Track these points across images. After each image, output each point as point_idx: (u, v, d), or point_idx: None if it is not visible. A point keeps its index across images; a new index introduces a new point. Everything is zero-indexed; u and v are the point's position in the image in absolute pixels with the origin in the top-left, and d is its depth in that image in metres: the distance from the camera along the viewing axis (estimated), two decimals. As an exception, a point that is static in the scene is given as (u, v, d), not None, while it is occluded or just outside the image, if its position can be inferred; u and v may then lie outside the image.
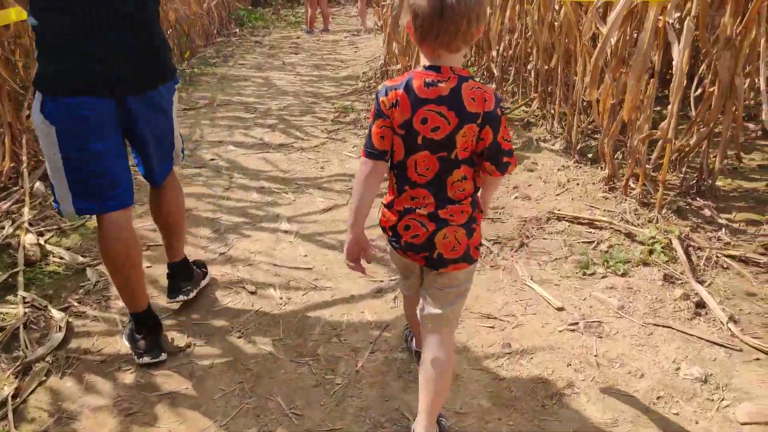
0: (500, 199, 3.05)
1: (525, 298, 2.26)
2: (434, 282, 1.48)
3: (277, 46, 8.24)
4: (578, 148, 3.46)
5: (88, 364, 1.98)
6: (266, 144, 4.18)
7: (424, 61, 1.37)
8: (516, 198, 3.06)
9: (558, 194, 3.08)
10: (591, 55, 3.06)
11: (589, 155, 3.47)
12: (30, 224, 2.88)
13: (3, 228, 2.83)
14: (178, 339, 2.10)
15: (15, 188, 3.23)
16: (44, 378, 1.92)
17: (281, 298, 2.32)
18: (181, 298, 2.20)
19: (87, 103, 1.72)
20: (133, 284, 1.90)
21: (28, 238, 2.70)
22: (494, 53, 4.90)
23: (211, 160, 3.89)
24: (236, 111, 5.07)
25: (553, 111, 3.92)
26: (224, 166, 3.77)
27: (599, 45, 2.72)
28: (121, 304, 2.23)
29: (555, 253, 2.55)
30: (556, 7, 3.70)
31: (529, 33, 4.45)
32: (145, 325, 1.95)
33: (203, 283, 2.34)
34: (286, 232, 2.88)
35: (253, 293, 2.37)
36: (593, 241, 2.63)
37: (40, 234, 2.81)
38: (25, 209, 2.96)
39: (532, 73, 4.30)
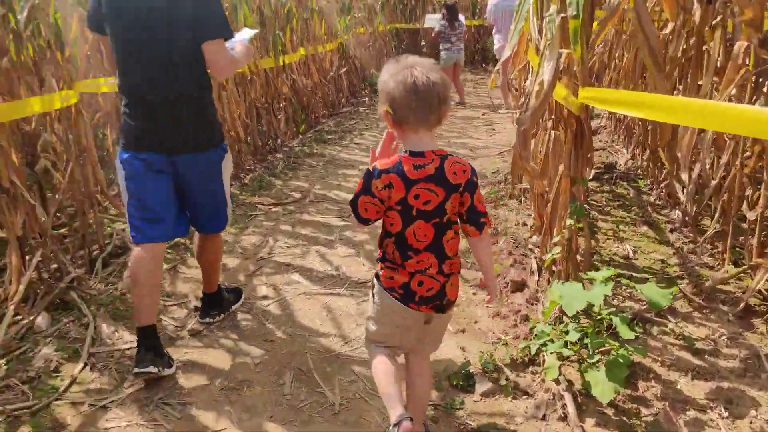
0: None
1: None
2: (438, 321, 1.73)
3: (404, 121, 7.35)
4: None
5: None
6: (341, 279, 3.10)
7: (408, 147, 1.62)
8: None
9: None
10: None
11: None
12: None
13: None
14: None
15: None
16: None
17: None
18: (208, 320, 2.64)
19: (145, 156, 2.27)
20: (144, 301, 2.27)
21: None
22: (685, 175, 3.38)
23: (262, 299, 2.90)
24: (327, 213, 4.12)
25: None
26: (273, 315, 2.74)
27: None
28: None
29: None
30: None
31: (748, 154, 2.90)
32: (144, 339, 2.22)
33: (234, 307, 2.75)
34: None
35: None
36: None
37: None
38: None
39: (757, 225, 2.71)
